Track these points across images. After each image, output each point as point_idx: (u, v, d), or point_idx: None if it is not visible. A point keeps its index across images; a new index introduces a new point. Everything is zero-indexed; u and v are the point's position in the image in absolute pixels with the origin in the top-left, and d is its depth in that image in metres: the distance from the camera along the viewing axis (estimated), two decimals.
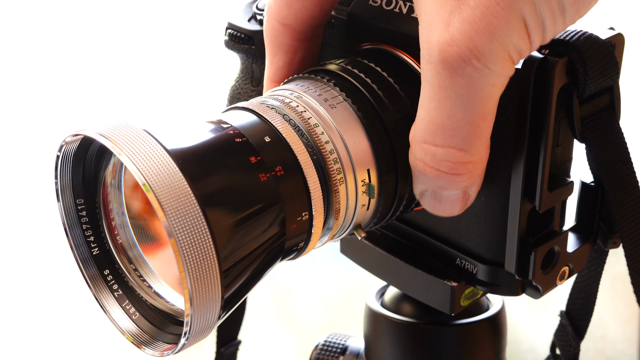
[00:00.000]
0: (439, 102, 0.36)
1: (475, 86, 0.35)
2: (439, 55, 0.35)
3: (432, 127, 0.37)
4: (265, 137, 0.38)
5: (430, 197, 0.40)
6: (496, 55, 0.34)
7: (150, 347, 0.39)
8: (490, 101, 0.36)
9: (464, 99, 0.35)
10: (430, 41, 0.35)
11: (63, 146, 0.38)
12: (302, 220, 0.38)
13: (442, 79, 0.35)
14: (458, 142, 0.37)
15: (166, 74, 1.46)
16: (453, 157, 0.37)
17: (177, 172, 0.34)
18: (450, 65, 0.34)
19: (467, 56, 0.34)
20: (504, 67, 0.35)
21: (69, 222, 0.40)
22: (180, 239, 0.33)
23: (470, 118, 0.36)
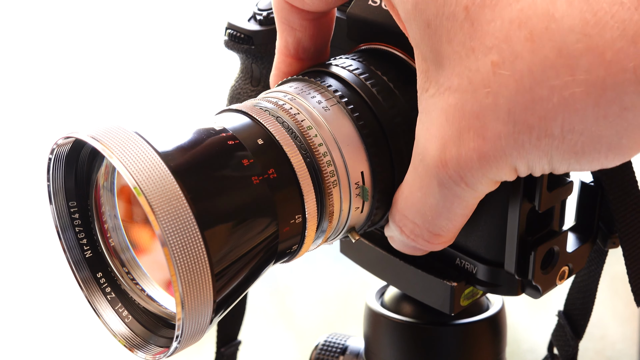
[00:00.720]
0: (424, 195, 0.38)
1: (460, 199, 0.37)
2: (431, 167, 0.36)
3: (413, 210, 0.39)
4: (258, 140, 0.38)
5: (399, 243, 0.42)
6: (483, 183, 0.36)
7: (142, 350, 0.39)
8: (471, 207, 0.38)
9: (447, 205, 0.37)
10: (427, 149, 0.36)
11: (55, 149, 0.38)
12: (295, 223, 0.38)
13: (431, 184, 0.37)
14: (435, 229, 0.39)
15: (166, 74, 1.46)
16: (429, 237, 0.39)
17: (168, 175, 0.34)
18: (440, 179, 0.36)
19: (456, 180, 0.36)
20: (489, 187, 0.37)
21: (62, 224, 0.40)
22: (172, 242, 0.33)
23: (450, 218, 0.38)
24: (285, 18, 0.43)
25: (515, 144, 0.33)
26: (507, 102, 0.33)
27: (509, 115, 0.33)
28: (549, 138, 0.33)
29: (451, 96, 0.35)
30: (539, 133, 0.33)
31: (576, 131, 0.32)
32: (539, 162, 0.34)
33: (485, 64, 0.33)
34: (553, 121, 0.32)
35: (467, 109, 0.34)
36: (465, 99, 0.34)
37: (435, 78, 0.35)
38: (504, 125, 0.33)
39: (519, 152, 0.34)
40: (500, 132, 0.33)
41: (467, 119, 0.34)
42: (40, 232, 1.28)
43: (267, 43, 0.51)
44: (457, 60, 0.34)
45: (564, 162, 0.34)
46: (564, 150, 0.33)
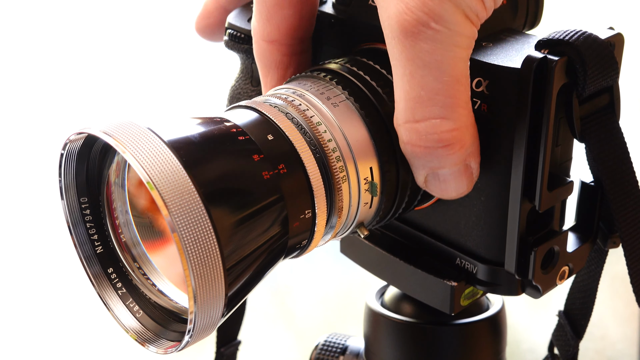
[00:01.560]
0: (410, 75, 0.36)
1: (440, 49, 0.35)
2: (398, 27, 0.35)
3: (409, 104, 0.37)
4: (268, 135, 0.38)
5: (434, 181, 0.40)
6: (452, 15, 0.35)
7: (154, 345, 0.39)
8: (459, 63, 0.36)
9: (432, 64, 0.36)
10: (389, 16, 0.36)
11: (67, 144, 0.38)
12: (305, 219, 0.38)
13: (407, 50, 0.35)
14: (437, 110, 0.37)
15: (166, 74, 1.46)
16: (436, 128, 0.37)
17: (180, 169, 0.34)
18: (411, 32, 0.35)
19: (424, 20, 0.35)
20: (463, 27, 0.35)
21: (73, 220, 0.40)
22: (184, 236, 0.34)
23: (444, 83, 0.36)
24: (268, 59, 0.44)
25: None
26: None
27: None
28: None
29: None
30: None
31: None
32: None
33: None
34: None
35: None
36: None
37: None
38: None
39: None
40: None
41: None
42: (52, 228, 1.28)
43: None
44: None
45: None
46: None
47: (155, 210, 0.40)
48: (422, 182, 0.40)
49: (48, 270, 1.29)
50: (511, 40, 0.41)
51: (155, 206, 0.34)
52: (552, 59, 0.38)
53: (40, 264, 1.29)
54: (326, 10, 0.46)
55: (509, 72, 0.39)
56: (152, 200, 0.34)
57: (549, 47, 0.39)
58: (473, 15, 0.35)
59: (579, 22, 0.40)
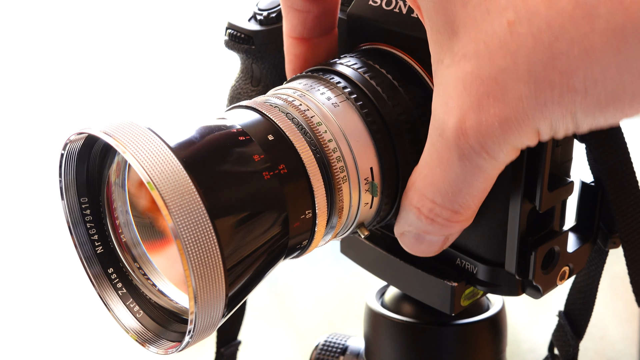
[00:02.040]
0: (444, 171, 0.37)
1: (481, 171, 0.36)
2: (451, 140, 0.35)
3: (433, 188, 0.38)
4: (269, 136, 0.38)
5: (412, 238, 0.41)
6: (505, 151, 0.35)
7: (154, 345, 0.39)
8: (492, 179, 0.37)
9: (468, 179, 0.36)
10: (445, 122, 0.35)
11: (67, 144, 0.38)
12: (306, 219, 0.38)
13: (451, 158, 0.36)
14: (456, 207, 0.38)
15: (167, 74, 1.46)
16: (449, 215, 0.38)
17: (181, 170, 0.34)
18: (461, 151, 0.35)
19: (477, 150, 0.35)
20: (510, 156, 0.35)
21: (73, 220, 0.40)
22: (185, 236, 0.34)
23: (471, 193, 0.37)
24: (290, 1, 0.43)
25: (537, 103, 0.32)
26: (526, 61, 0.32)
27: (529, 74, 0.32)
28: (572, 93, 0.32)
29: (467, 63, 0.34)
30: (561, 89, 0.32)
31: (599, 82, 0.31)
32: (562, 120, 0.33)
33: (501, 24, 0.32)
34: (575, 75, 0.31)
35: (485, 74, 0.33)
36: (482, 64, 0.33)
37: (450, 47, 0.35)
38: (524, 85, 0.32)
39: (542, 111, 0.33)
40: (521, 93, 0.32)
41: (486, 84, 0.33)
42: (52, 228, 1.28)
43: (267, 43, 0.51)
44: (472, 25, 0.33)
45: (588, 117, 0.32)
46: (587, 104, 0.32)
47: (156, 211, 0.40)
48: (399, 233, 0.41)
49: (48, 270, 1.29)
50: None
51: (156, 206, 0.34)
52: None
53: (41, 264, 1.29)
54: None
55: None
56: (152, 200, 0.34)
57: None
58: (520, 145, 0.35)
59: None
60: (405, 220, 0.40)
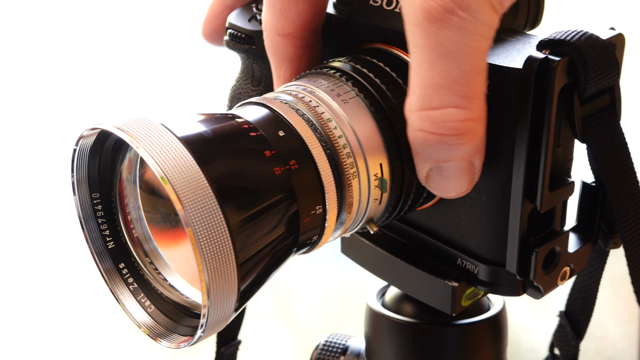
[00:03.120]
0: (430, 62, 0.36)
1: (465, 37, 0.35)
2: (423, 13, 0.35)
3: (427, 91, 0.36)
4: (279, 132, 0.39)
5: (436, 176, 0.39)
6: (479, 3, 0.34)
7: (166, 340, 0.39)
8: (481, 53, 0.36)
9: (455, 52, 0.35)
10: (413, 2, 0.35)
11: (80, 140, 0.38)
12: (316, 214, 0.39)
13: (430, 37, 0.35)
14: (456, 99, 0.36)
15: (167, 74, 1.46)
16: (453, 116, 0.37)
17: (194, 165, 0.35)
18: (436, 18, 0.34)
19: (450, 7, 0.34)
20: (488, 16, 0.35)
21: (85, 215, 0.41)
22: (198, 231, 0.34)
23: (465, 72, 0.36)
24: (281, 52, 0.44)
25: None
26: None
27: None
28: None
29: None
30: None
31: None
32: None
33: None
34: None
35: None
36: None
37: None
38: None
39: None
40: None
41: None
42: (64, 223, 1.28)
43: None
44: None
45: None
46: None
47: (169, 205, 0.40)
48: (423, 177, 0.40)
49: (60, 265, 1.29)
50: (512, 40, 0.41)
51: (170, 201, 0.34)
52: (553, 60, 0.38)
53: (52, 260, 1.30)
54: (327, 10, 0.46)
55: (510, 73, 0.39)
56: (166, 195, 0.34)
57: (550, 47, 0.39)
58: (497, 5, 0.35)
59: (580, 22, 0.40)
60: (419, 156, 0.39)
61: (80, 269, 1.25)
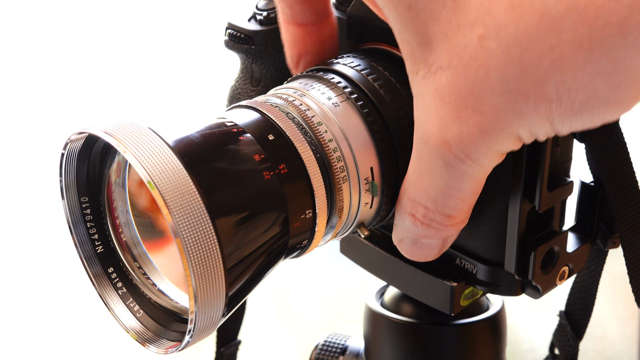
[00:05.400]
0: (432, 178, 0.37)
1: (468, 176, 0.37)
2: (435, 149, 0.36)
3: (424, 195, 0.38)
4: (269, 135, 0.38)
5: (410, 243, 0.41)
6: (490, 158, 0.36)
7: (154, 345, 0.39)
8: (480, 183, 0.37)
9: (457, 184, 0.37)
10: (427, 131, 0.36)
11: (68, 144, 0.38)
12: (306, 219, 0.38)
13: (437, 165, 0.37)
14: (448, 210, 0.38)
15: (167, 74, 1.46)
16: (443, 219, 0.39)
17: (181, 169, 0.34)
18: (445, 159, 0.36)
19: (461, 157, 0.36)
20: (495, 160, 0.36)
21: (73, 220, 0.40)
22: (185, 236, 0.34)
23: (461, 197, 0.38)
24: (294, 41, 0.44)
25: (514, 113, 0.33)
26: (498, 73, 0.33)
27: (502, 86, 0.33)
28: (547, 102, 0.33)
29: (443, 75, 0.35)
30: (536, 99, 0.33)
31: (572, 91, 0.32)
32: (541, 126, 0.34)
33: (472, 38, 0.33)
34: (547, 85, 0.32)
35: (461, 86, 0.34)
36: (457, 76, 0.34)
37: (424, 59, 0.35)
38: (500, 97, 0.33)
39: (520, 120, 0.34)
40: (497, 104, 0.33)
41: (463, 96, 0.34)
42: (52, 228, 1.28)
43: (267, 43, 0.51)
44: (444, 39, 0.34)
45: (565, 123, 0.33)
46: (563, 111, 0.33)
47: (156, 210, 0.40)
48: (397, 240, 0.41)
49: (48, 269, 1.29)
50: None
51: (156, 206, 0.34)
52: None
53: (41, 264, 1.29)
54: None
55: None
56: (153, 200, 0.34)
57: None
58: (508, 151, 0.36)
59: None
60: (402, 227, 0.40)
61: (69, 273, 1.25)
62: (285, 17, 0.44)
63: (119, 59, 1.46)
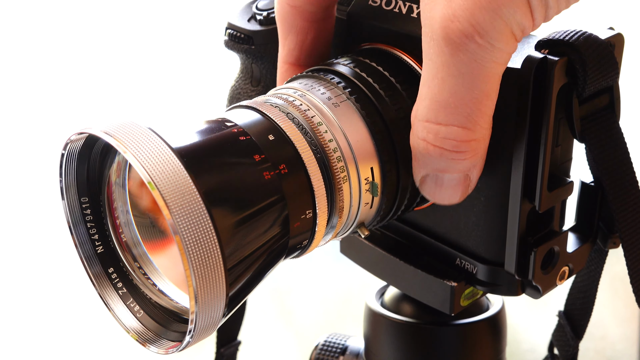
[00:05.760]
0: (441, 79, 0.36)
1: (479, 63, 0.35)
2: (441, 32, 0.34)
3: (435, 105, 0.37)
4: (269, 136, 0.38)
5: (431, 182, 0.40)
6: (499, 32, 0.34)
7: (154, 345, 0.39)
8: (493, 78, 0.36)
9: (467, 76, 0.35)
10: (433, 17, 0.35)
11: (68, 144, 0.38)
12: (306, 219, 0.39)
13: (445, 56, 0.35)
14: (461, 120, 0.36)
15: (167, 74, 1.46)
16: (457, 134, 0.37)
17: (182, 169, 0.35)
18: (453, 41, 0.34)
19: (469, 32, 0.34)
20: (506, 44, 0.35)
21: (74, 220, 0.40)
22: (186, 236, 0.34)
23: (474, 96, 0.36)
24: (289, 22, 0.43)
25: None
26: None
27: None
28: None
29: None
30: None
31: None
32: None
33: None
34: None
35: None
36: None
37: None
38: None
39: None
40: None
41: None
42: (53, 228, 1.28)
43: (267, 43, 0.51)
44: None
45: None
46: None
47: (157, 211, 0.40)
48: (418, 180, 0.40)
49: (49, 270, 1.29)
50: None
51: (157, 206, 0.34)
52: (552, 59, 0.38)
53: (41, 264, 1.29)
54: None
55: (509, 73, 0.39)
56: (153, 200, 0.34)
57: (549, 47, 0.39)
58: (518, 31, 0.34)
59: (579, 22, 0.40)
60: (418, 162, 0.39)
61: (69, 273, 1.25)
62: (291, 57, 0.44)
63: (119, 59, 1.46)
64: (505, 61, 0.35)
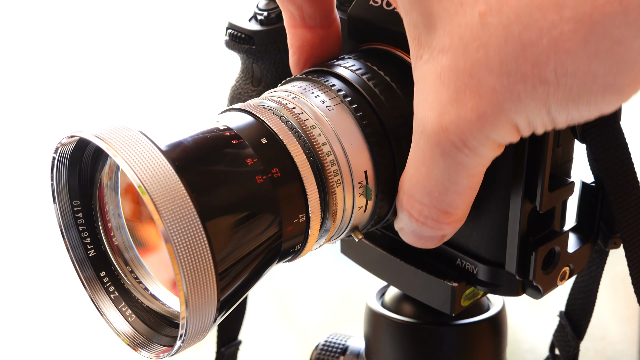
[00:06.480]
0: (428, 169, 0.37)
1: (465, 167, 0.36)
2: (433, 137, 0.35)
3: (420, 188, 0.38)
4: (262, 139, 0.38)
5: (409, 233, 0.41)
6: (487, 148, 0.35)
7: (146, 350, 0.39)
8: (478, 177, 0.37)
9: (453, 176, 0.36)
10: (426, 118, 0.36)
11: (59, 148, 0.38)
12: (299, 223, 0.38)
13: (434, 155, 0.36)
14: (444, 206, 0.38)
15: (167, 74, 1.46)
16: (438, 216, 0.38)
17: (172, 174, 0.34)
18: (443, 147, 0.35)
19: (458, 145, 0.35)
20: (493, 151, 0.36)
21: (65, 223, 0.40)
22: (176, 241, 0.33)
23: (458, 190, 0.37)
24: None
25: (511, 96, 0.33)
26: (497, 52, 0.32)
27: (501, 66, 0.32)
28: (544, 85, 0.32)
29: (444, 57, 0.34)
30: (534, 81, 0.32)
31: (569, 74, 0.31)
32: (538, 114, 0.33)
33: (473, 16, 0.32)
34: (546, 66, 0.31)
35: (460, 68, 0.33)
36: (457, 57, 0.33)
37: (428, 42, 0.35)
38: (497, 78, 0.32)
39: (516, 105, 0.33)
40: (495, 85, 0.33)
41: (462, 78, 0.33)
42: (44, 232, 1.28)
43: (267, 43, 0.51)
44: (447, 19, 0.33)
45: (562, 111, 0.33)
46: (560, 97, 0.32)
47: (147, 214, 0.39)
48: (398, 228, 0.41)
49: (40, 274, 1.29)
50: None
51: (147, 210, 0.34)
52: None
53: (33, 268, 1.29)
54: None
55: None
56: (143, 203, 0.34)
57: None
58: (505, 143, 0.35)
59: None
60: (400, 220, 0.40)
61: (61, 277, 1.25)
62: (294, 21, 0.44)
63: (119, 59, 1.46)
64: (490, 161, 0.36)
